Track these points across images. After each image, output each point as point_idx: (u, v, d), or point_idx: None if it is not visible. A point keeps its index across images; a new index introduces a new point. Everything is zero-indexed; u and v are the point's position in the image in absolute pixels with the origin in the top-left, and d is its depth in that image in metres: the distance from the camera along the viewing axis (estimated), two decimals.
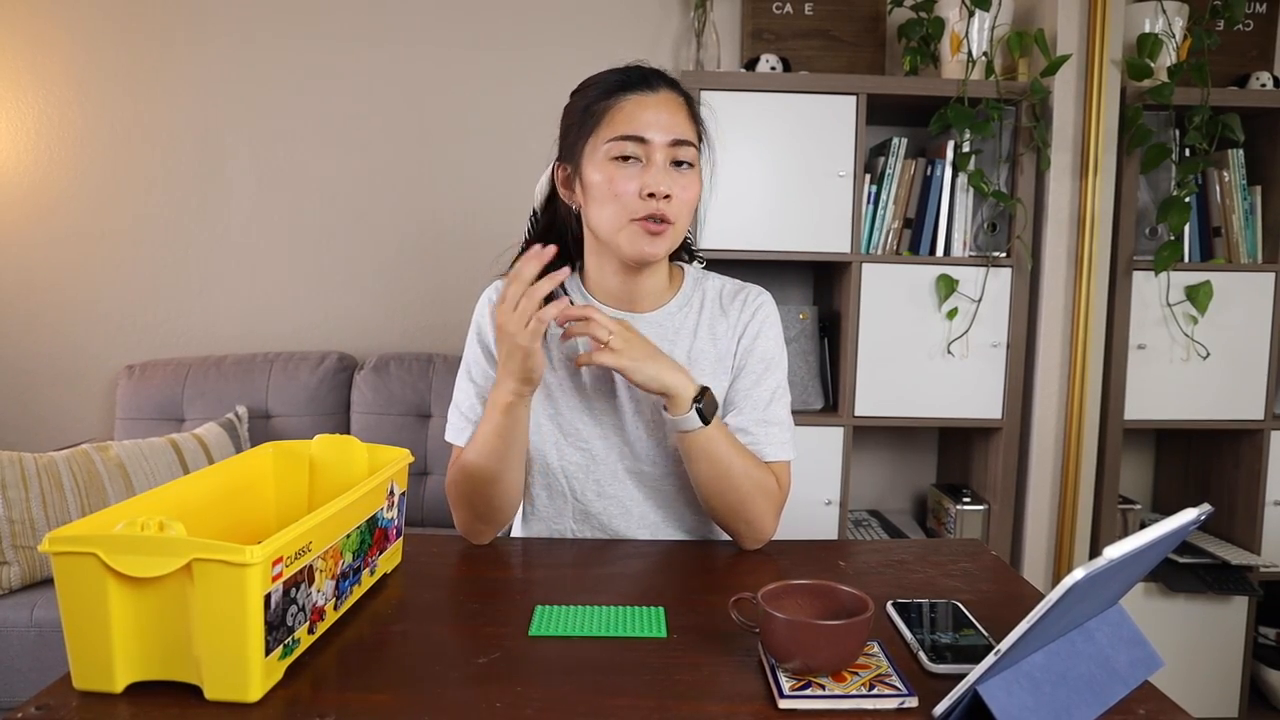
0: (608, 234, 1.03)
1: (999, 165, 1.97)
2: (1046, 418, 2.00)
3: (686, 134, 1.02)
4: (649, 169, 1.00)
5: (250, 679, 0.65)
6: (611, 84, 1.03)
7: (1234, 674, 2.04)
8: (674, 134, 1.01)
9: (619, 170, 1.01)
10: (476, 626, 0.81)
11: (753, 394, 1.10)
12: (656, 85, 1.03)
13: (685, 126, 1.03)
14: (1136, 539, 0.59)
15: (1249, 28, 2.24)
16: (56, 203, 2.33)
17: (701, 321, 1.12)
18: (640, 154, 1.00)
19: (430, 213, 2.37)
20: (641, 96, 1.02)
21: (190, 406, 2.17)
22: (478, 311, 1.13)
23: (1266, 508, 2.03)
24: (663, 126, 1.01)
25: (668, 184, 1.00)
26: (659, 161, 1.00)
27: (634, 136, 1.00)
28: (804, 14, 2.23)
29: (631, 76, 1.04)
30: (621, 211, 1.01)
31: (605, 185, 1.01)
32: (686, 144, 1.02)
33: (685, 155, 1.02)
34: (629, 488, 1.11)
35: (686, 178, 1.03)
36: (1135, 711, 0.66)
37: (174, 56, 2.31)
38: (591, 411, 1.10)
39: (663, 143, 1.00)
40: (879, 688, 0.67)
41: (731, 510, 1.04)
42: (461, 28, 2.32)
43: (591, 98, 1.04)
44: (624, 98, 1.02)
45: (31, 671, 1.64)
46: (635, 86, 1.02)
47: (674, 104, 1.03)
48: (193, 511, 0.81)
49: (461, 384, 1.12)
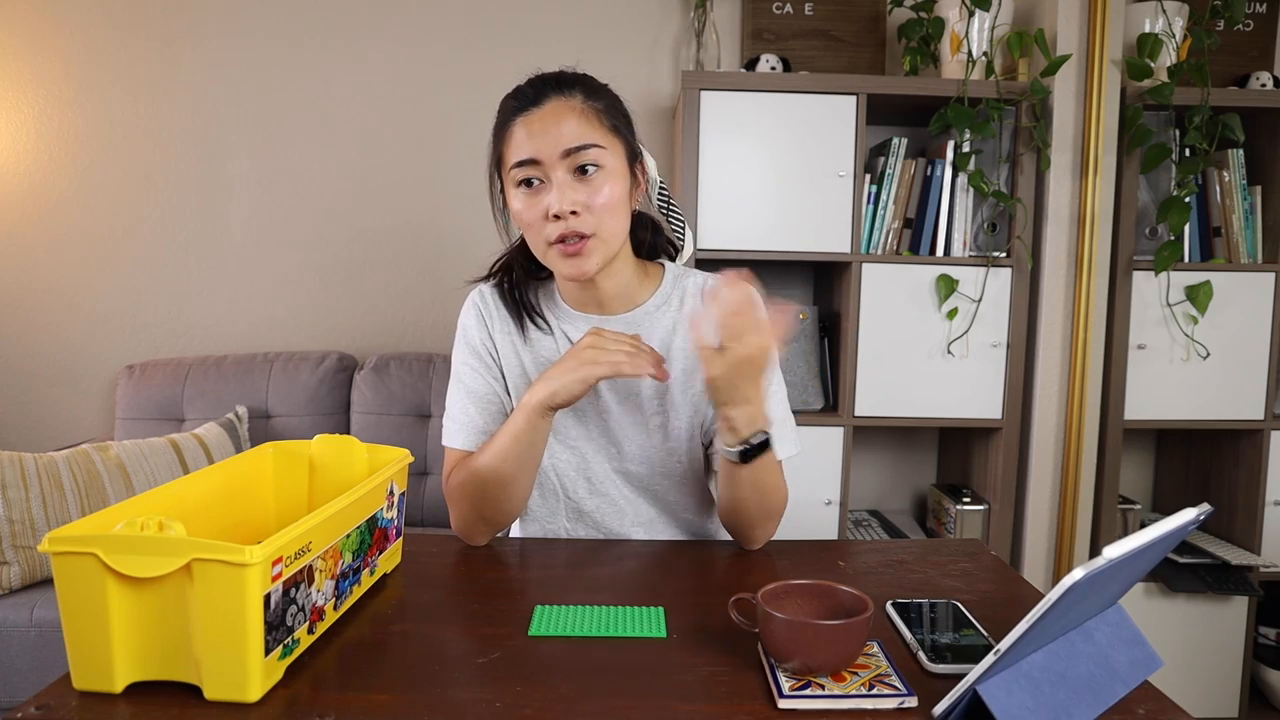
0: (539, 258, 1.03)
1: (999, 165, 1.97)
2: (1046, 418, 2.00)
3: (580, 138, 0.97)
4: (548, 189, 0.98)
5: (250, 679, 0.65)
6: (506, 110, 1.01)
7: (1234, 674, 2.03)
8: (562, 144, 0.97)
9: (525, 197, 0.99)
10: (476, 626, 0.81)
11: None
12: (542, 97, 0.99)
13: (578, 130, 0.98)
14: (1136, 539, 0.59)
15: (1249, 28, 2.24)
16: (56, 203, 2.33)
17: (681, 318, 1.11)
18: (539, 174, 0.98)
19: (430, 213, 2.37)
20: (526, 116, 0.98)
21: (190, 406, 2.17)
22: (464, 315, 1.14)
23: (1266, 508, 2.03)
24: (549, 141, 0.97)
25: (569, 199, 0.97)
26: (556, 178, 0.97)
27: (524, 161, 0.98)
28: (804, 14, 2.23)
29: (520, 97, 1.00)
30: (538, 237, 1.01)
31: (519, 214, 1.01)
32: (584, 148, 0.97)
33: (587, 159, 0.98)
34: (620, 487, 1.12)
35: (595, 182, 0.98)
36: (1135, 711, 0.66)
37: (174, 57, 2.31)
38: (577, 412, 1.10)
39: (554, 157, 0.97)
40: (879, 688, 0.67)
41: (752, 522, 1.04)
42: (461, 28, 2.32)
43: (495, 130, 1.03)
44: (513, 122, 0.99)
45: (31, 671, 1.64)
46: (521, 107, 0.99)
47: (563, 110, 0.98)
48: (193, 511, 0.82)
49: (453, 393, 1.12)
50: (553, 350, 1.11)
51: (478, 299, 1.14)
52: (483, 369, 1.11)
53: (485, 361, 1.12)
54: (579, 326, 1.09)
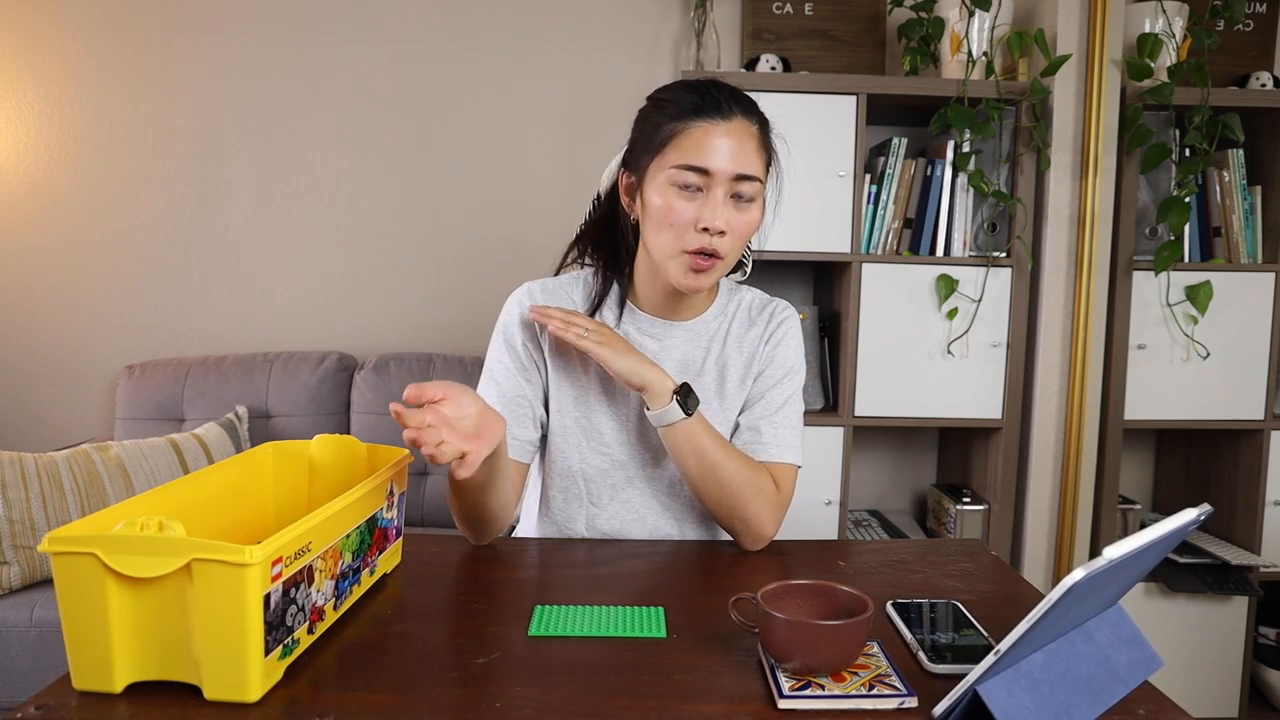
0: (658, 259, 1.04)
1: (999, 165, 1.97)
2: (1046, 418, 2.00)
3: (752, 168, 0.99)
4: (708, 201, 0.99)
5: (250, 679, 0.65)
6: (685, 105, 1.00)
7: (1234, 674, 2.03)
8: (738, 168, 0.98)
9: (677, 198, 0.99)
10: (476, 626, 0.81)
11: (767, 395, 1.12)
12: (730, 112, 0.99)
13: (752, 160, 0.99)
14: (1136, 539, 0.59)
15: (1249, 28, 2.24)
16: (56, 203, 2.33)
17: (731, 330, 1.15)
18: (701, 183, 0.99)
19: (430, 212, 2.37)
20: (711, 124, 0.98)
21: (190, 406, 2.17)
22: (507, 314, 1.13)
23: (1266, 508, 2.03)
24: (728, 159, 0.98)
25: (724, 219, 0.99)
26: (718, 195, 0.98)
27: (697, 168, 0.98)
28: (804, 14, 2.23)
29: (706, 100, 0.99)
30: (674, 240, 1.01)
31: (663, 211, 1.00)
32: (752, 179, 0.99)
33: (748, 190, 1.00)
34: (644, 494, 1.12)
35: (745, 212, 1.01)
36: (1135, 711, 0.66)
37: (174, 56, 2.31)
38: (611, 418, 1.11)
39: (725, 177, 0.98)
40: (879, 688, 0.67)
41: (726, 508, 1.04)
42: (461, 28, 2.32)
43: (663, 117, 1.01)
44: (693, 123, 0.99)
45: (31, 671, 1.64)
46: (707, 112, 0.99)
47: (744, 133, 0.99)
48: (193, 511, 0.82)
49: (483, 389, 1.11)
50: None
51: (525, 298, 1.13)
52: (517, 369, 1.10)
53: (522, 363, 1.11)
54: (642, 328, 1.12)
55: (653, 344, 1.12)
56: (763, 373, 1.13)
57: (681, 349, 1.13)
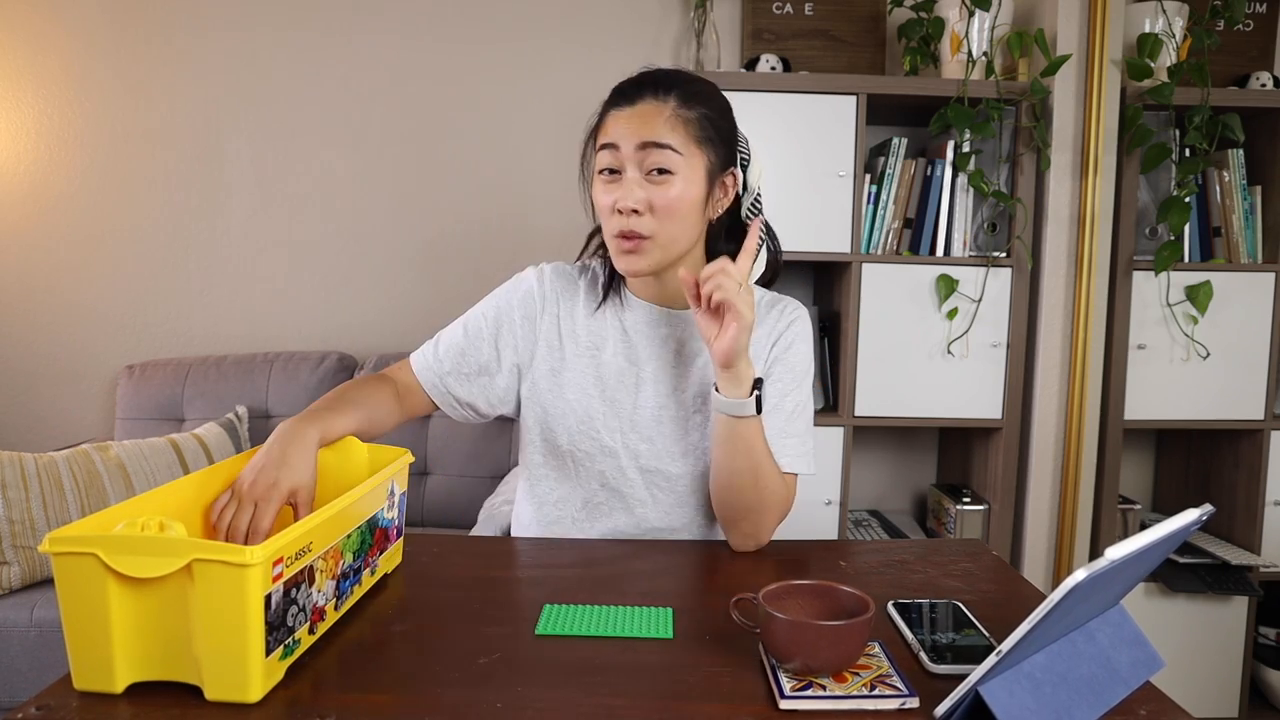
0: (608, 246, 1.06)
1: (999, 165, 1.97)
2: (1046, 418, 2.00)
3: (657, 135, 0.98)
4: (620, 182, 1.01)
5: (250, 679, 0.65)
6: (605, 102, 1.05)
7: (1234, 674, 2.03)
8: (642, 137, 0.98)
9: (600, 188, 1.03)
10: (477, 627, 0.81)
11: (780, 405, 1.09)
12: (635, 97, 1.01)
13: (659, 128, 0.98)
14: (1138, 540, 0.59)
15: (1249, 28, 2.24)
16: (56, 203, 2.33)
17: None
18: (616, 164, 1.01)
19: (430, 212, 2.37)
20: (618, 111, 1.02)
21: (190, 406, 2.17)
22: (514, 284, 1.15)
23: (1266, 508, 2.03)
24: (631, 131, 0.99)
25: (636, 196, 0.99)
26: (630, 175, 1.00)
27: (606, 144, 1.01)
28: (804, 14, 2.23)
29: (618, 92, 1.03)
30: (607, 228, 1.04)
31: (595, 201, 1.05)
32: (659, 147, 0.98)
33: (660, 159, 0.98)
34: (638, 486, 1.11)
35: (664, 185, 0.99)
36: (1136, 712, 0.66)
37: (173, 56, 2.31)
38: (616, 405, 1.11)
39: (631, 148, 0.99)
40: (880, 688, 0.67)
41: (746, 509, 1.03)
42: (461, 27, 2.32)
43: (592, 119, 1.06)
44: (605, 116, 1.03)
45: (31, 671, 1.64)
46: (616, 102, 1.02)
47: (650, 110, 1.00)
48: (193, 511, 0.82)
49: (453, 327, 1.15)
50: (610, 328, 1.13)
51: (535, 279, 1.15)
52: (490, 336, 1.13)
53: (501, 334, 1.13)
54: (638, 315, 1.12)
55: (648, 330, 1.12)
56: (770, 376, 1.11)
57: (678, 337, 1.13)
